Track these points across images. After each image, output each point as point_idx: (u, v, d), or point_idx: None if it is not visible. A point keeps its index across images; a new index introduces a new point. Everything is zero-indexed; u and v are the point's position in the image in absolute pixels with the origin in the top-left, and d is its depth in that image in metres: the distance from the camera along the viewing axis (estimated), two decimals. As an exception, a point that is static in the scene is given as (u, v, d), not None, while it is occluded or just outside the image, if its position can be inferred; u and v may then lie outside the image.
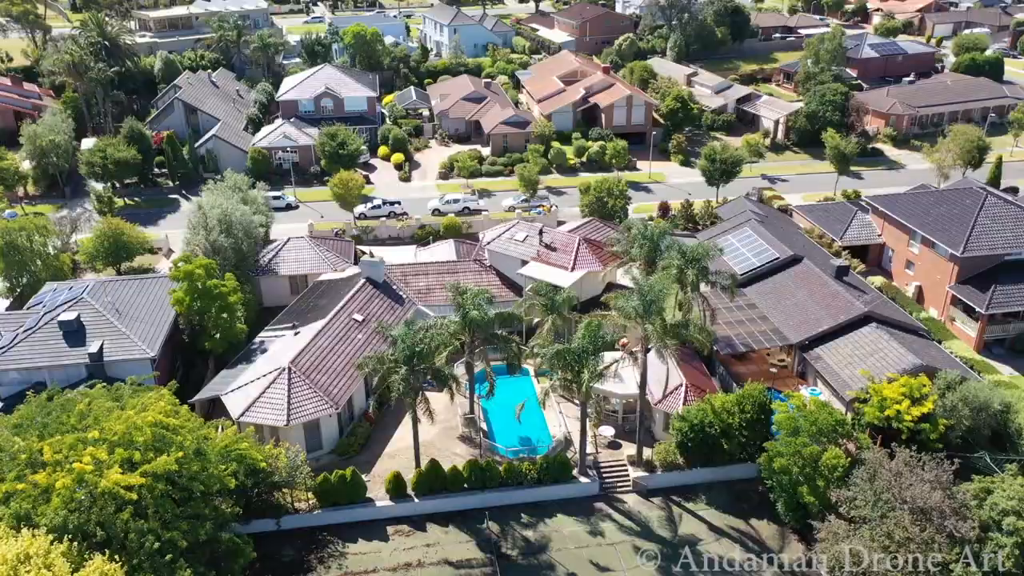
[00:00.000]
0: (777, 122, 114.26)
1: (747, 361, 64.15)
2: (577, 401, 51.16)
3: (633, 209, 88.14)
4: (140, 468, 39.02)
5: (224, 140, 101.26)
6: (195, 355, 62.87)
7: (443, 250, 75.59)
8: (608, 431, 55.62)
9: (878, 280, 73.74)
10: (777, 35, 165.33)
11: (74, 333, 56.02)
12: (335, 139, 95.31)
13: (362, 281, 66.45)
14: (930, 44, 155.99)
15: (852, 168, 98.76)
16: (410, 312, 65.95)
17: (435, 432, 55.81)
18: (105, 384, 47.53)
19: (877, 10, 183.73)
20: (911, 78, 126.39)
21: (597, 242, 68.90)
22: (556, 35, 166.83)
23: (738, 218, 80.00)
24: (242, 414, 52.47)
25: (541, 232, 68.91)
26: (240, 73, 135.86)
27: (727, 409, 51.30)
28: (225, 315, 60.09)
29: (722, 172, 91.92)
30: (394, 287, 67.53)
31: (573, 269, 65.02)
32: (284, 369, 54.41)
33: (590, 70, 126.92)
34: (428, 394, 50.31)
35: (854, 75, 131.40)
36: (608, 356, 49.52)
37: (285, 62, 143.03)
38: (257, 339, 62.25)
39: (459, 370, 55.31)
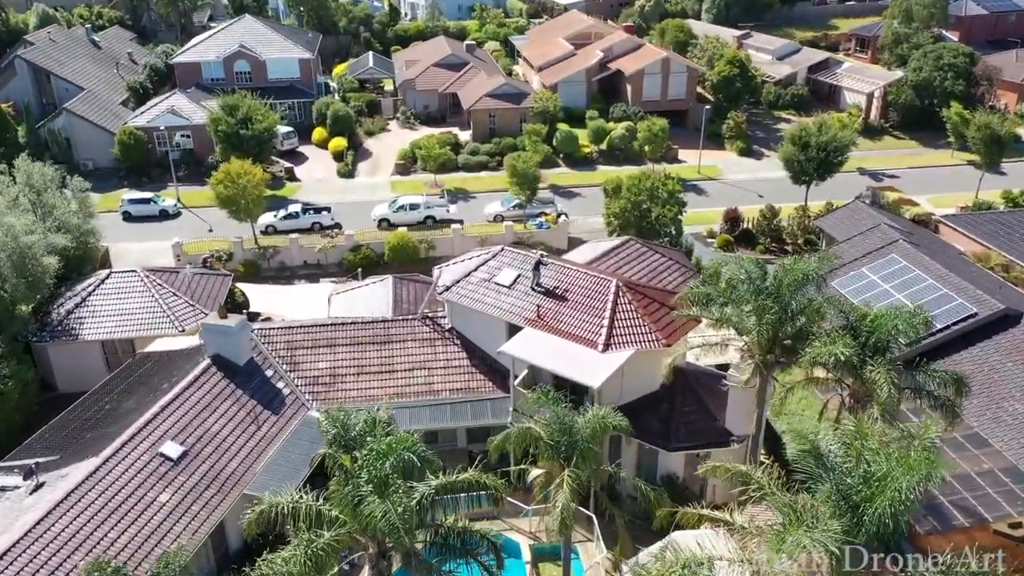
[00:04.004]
0: (870, 96, 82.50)
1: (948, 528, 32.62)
2: None
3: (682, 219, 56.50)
4: None
5: (82, 117, 69.52)
6: None
7: (374, 296, 43.52)
8: None
9: None
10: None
11: None
12: (235, 113, 63.58)
13: (205, 362, 35.04)
14: None
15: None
16: (296, 423, 34.57)
17: None
18: None
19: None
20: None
21: (648, 289, 37.06)
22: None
23: (869, 238, 48.39)
24: None
25: (538, 268, 36.94)
26: (151, 36, 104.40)
27: None
28: None
29: (818, 164, 60.41)
30: (268, 373, 36.05)
31: (607, 347, 32.95)
32: (-70, 620, 23.01)
33: (607, 31, 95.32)
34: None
35: (954, 38, 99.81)
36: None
37: (213, 24, 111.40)
38: (-32, 492, 30.93)
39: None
